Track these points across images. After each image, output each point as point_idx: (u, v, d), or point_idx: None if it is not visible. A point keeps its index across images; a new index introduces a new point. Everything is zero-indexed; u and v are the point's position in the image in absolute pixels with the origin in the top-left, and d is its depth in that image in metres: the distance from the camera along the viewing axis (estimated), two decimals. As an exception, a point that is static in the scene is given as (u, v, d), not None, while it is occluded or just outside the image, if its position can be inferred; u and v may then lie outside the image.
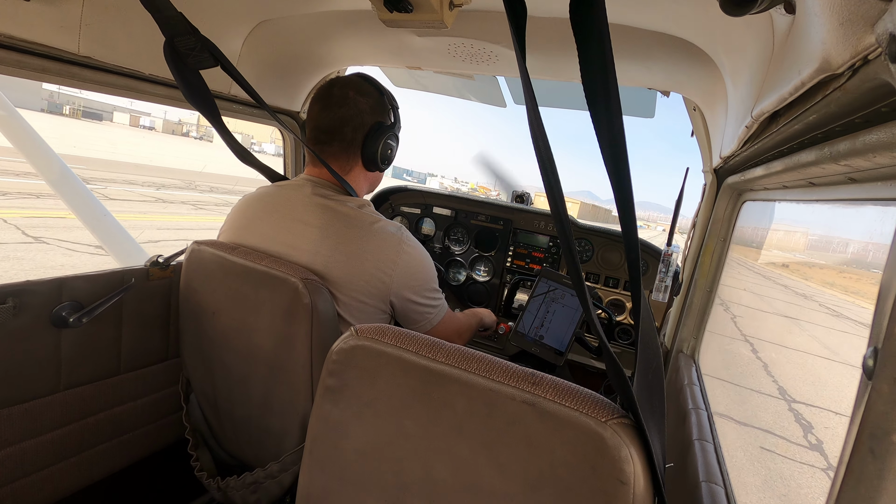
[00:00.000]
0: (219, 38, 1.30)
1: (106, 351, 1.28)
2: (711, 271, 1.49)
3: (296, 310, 0.98)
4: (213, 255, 1.10)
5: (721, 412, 3.29)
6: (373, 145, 1.17)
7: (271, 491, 1.12)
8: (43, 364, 1.14)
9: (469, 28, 1.29)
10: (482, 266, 2.31)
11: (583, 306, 0.54)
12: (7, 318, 1.04)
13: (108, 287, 1.23)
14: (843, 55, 0.41)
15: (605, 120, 0.45)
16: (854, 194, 0.70)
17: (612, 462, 0.52)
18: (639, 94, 1.62)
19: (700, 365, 1.47)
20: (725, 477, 0.94)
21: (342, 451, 0.71)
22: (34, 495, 1.17)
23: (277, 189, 1.19)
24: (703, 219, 1.53)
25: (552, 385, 0.58)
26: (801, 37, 0.52)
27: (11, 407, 1.10)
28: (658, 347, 0.69)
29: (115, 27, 1.09)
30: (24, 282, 1.07)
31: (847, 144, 0.55)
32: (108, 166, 14.75)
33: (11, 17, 0.92)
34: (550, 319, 1.53)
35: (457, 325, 1.34)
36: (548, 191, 0.50)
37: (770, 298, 6.72)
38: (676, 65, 1.26)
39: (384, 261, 1.08)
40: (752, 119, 0.76)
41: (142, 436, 1.42)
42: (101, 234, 2.16)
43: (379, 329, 0.70)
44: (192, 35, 1.00)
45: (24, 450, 1.13)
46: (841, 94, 0.48)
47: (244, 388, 1.12)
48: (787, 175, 0.83)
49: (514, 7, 0.47)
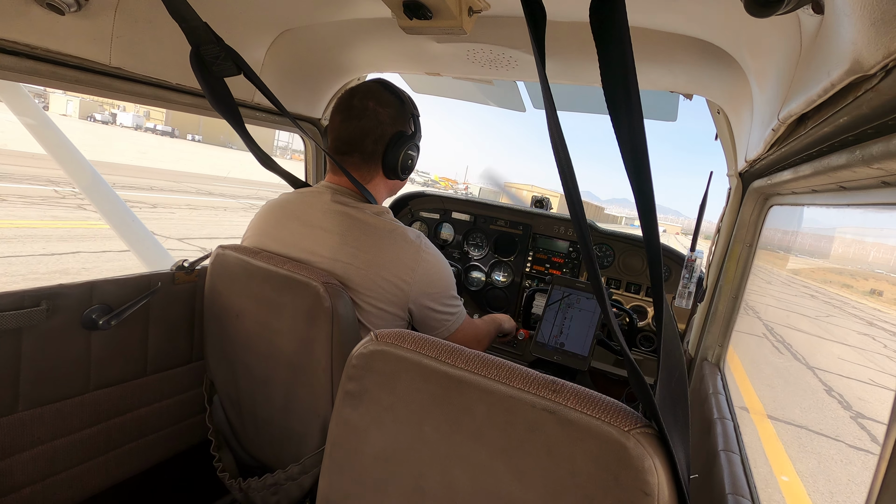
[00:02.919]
0: (243, 47, 1.33)
1: (133, 353, 1.31)
2: (737, 277, 1.45)
3: (317, 313, 0.99)
4: (237, 259, 1.13)
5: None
6: (393, 156, 1.18)
7: (291, 493, 1.13)
8: (73, 365, 1.18)
9: (488, 33, 1.29)
10: (501, 271, 2.30)
11: (602, 310, 0.54)
12: (40, 320, 1.08)
13: (135, 290, 1.27)
14: (874, 56, 0.40)
15: (626, 124, 0.44)
16: (888, 198, 0.67)
17: (636, 472, 0.51)
18: (661, 97, 1.60)
19: (725, 373, 1.44)
20: (753, 490, 0.91)
21: (361, 456, 0.71)
22: (63, 493, 1.21)
23: (298, 196, 1.21)
24: (727, 223, 1.50)
25: (573, 393, 0.57)
26: (831, 37, 0.51)
27: (44, 406, 1.13)
28: (681, 355, 0.68)
29: (144, 39, 1.12)
30: (56, 285, 1.11)
31: (880, 147, 0.53)
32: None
33: (47, 30, 0.96)
34: (569, 325, 1.52)
35: (475, 332, 1.33)
36: (567, 196, 0.49)
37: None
38: (699, 67, 1.24)
39: (403, 268, 1.08)
40: (779, 122, 0.74)
41: (166, 436, 1.45)
42: (130, 239, 2.23)
43: (399, 334, 0.70)
44: (217, 44, 1.03)
45: (54, 448, 1.16)
46: (873, 96, 0.46)
47: (266, 390, 1.14)
48: (817, 179, 0.81)
49: (534, 12, 0.47)
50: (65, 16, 0.96)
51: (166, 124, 58.27)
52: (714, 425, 1.10)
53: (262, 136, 13.24)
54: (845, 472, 3.18)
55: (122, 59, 1.10)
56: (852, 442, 3.62)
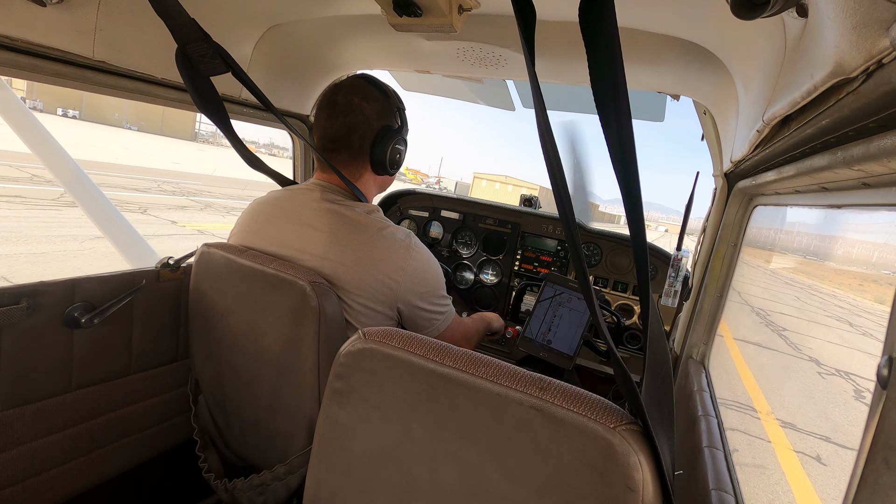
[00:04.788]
0: (230, 42, 1.31)
1: (117, 351, 1.29)
2: (722, 276, 1.47)
3: (303, 312, 0.98)
4: (222, 257, 1.11)
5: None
6: (381, 151, 1.17)
7: (278, 493, 1.12)
8: (55, 364, 1.16)
9: (478, 32, 1.29)
10: (490, 269, 2.31)
11: (590, 310, 0.54)
12: (21, 318, 1.06)
13: (119, 288, 1.24)
14: (856, 59, 0.41)
15: (614, 123, 0.45)
16: (868, 199, 0.69)
17: (621, 469, 0.52)
18: (648, 97, 1.61)
19: (710, 371, 1.46)
20: (736, 485, 0.93)
21: (349, 454, 0.71)
22: (45, 494, 1.18)
23: (287, 193, 1.20)
24: (713, 223, 1.52)
25: (560, 390, 0.58)
26: (814, 40, 0.51)
27: (24, 406, 1.11)
28: (667, 353, 0.68)
29: (129, 32, 1.10)
30: (38, 283, 1.09)
31: (861, 149, 0.55)
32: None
33: (28, 22, 0.94)
34: (558, 324, 1.53)
35: (464, 331, 1.33)
36: (556, 194, 0.50)
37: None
38: (687, 69, 1.26)
39: (392, 267, 1.08)
40: (764, 123, 0.75)
41: (151, 436, 1.43)
42: (113, 236, 2.19)
43: (386, 332, 0.70)
44: (204, 41, 1.01)
45: (35, 448, 1.14)
46: (854, 99, 0.47)
47: (252, 390, 1.13)
48: (800, 180, 0.82)
49: (524, 10, 0.47)
50: (46, 7, 0.94)
51: (31, 97, 41.34)
52: (698, 422, 1.11)
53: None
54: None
55: (106, 52, 1.08)
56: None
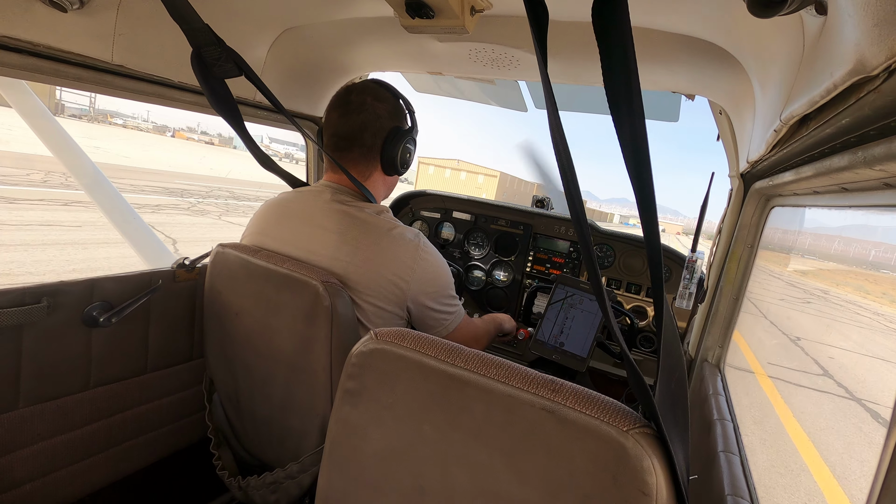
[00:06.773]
0: (245, 46, 1.33)
1: (134, 350, 1.32)
2: (738, 278, 1.45)
3: (316, 312, 0.99)
4: (236, 257, 1.13)
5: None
6: (392, 150, 1.18)
7: (290, 491, 1.13)
8: (74, 362, 1.18)
9: (490, 33, 1.29)
10: (502, 271, 2.30)
11: (602, 312, 0.54)
12: (41, 316, 1.08)
13: (136, 288, 1.27)
14: (878, 57, 0.40)
15: (627, 124, 0.44)
16: (890, 200, 0.67)
17: (634, 472, 0.51)
18: (663, 97, 1.59)
19: (725, 374, 1.44)
20: (752, 491, 0.91)
21: (361, 454, 0.71)
22: (63, 490, 1.21)
23: (297, 195, 1.21)
24: (729, 224, 1.49)
25: (572, 392, 0.57)
26: (834, 38, 0.50)
27: (44, 403, 1.13)
28: (681, 356, 0.68)
29: (147, 37, 1.12)
30: (58, 282, 1.11)
31: (883, 149, 0.53)
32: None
33: (49, 28, 0.97)
34: (570, 325, 1.52)
35: (474, 331, 1.33)
36: (567, 196, 0.49)
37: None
38: (702, 68, 1.24)
39: (401, 267, 1.08)
40: (781, 123, 0.74)
41: (166, 434, 1.45)
42: (130, 236, 2.23)
43: (398, 333, 0.70)
44: (218, 46, 1.03)
45: (55, 445, 1.17)
46: (876, 97, 0.46)
47: (265, 389, 1.14)
48: (818, 180, 0.81)
49: (536, 11, 0.46)
50: (67, 13, 0.96)
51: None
52: (714, 426, 1.10)
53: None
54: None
55: (124, 56, 1.10)
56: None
